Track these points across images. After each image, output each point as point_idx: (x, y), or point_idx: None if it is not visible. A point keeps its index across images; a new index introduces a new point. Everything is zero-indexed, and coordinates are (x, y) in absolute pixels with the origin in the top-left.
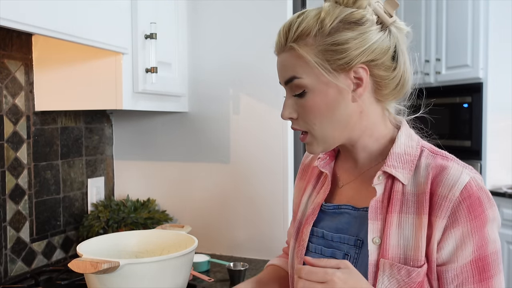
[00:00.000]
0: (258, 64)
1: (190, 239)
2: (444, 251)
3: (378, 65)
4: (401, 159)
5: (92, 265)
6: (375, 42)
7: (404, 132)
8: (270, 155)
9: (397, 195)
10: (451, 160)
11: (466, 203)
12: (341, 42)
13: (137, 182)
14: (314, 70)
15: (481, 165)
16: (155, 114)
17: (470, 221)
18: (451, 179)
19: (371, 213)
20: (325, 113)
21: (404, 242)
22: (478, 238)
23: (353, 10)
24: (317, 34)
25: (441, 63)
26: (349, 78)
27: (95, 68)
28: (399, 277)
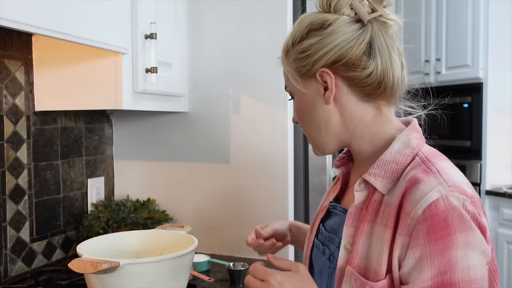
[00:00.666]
0: (258, 64)
1: (190, 239)
2: (405, 270)
3: (343, 65)
4: (386, 168)
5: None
6: (338, 44)
7: (401, 138)
8: (270, 155)
9: (374, 205)
10: (431, 174)
11: (427, 224)
12: (304, 50)
13: (137, 182)
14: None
15: (481, 165)
16: (155, 114)
17: (429, 243)
18: (418, 195)
19: (348, 219)
20: (305, 116)
21: (371, 252)
22: (439, 263)
23: (321, 15)
24: (292, 45)
25: (441, 63)
26: (318, 83)
27: (95, 68)
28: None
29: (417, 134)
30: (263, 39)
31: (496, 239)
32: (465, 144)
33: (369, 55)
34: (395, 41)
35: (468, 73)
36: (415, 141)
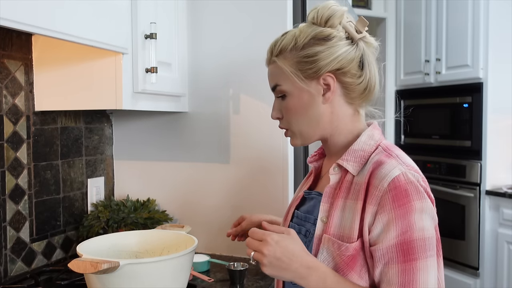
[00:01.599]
0: (258, 64)
1: (190, 239)
2: (373, 234)
3: (345, 73)
4: (355, 154)
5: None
6: (341, 54)
7: (367, 133)
8: (270, 155)
9: (346, 184)
10: (392, 158)
11: (392, 193)
12: (311, 55)
13: (137, 182)
14: (290, 78)
15: (481, 165)
16: (155, 114)
17: (394, 209)
18: (383, 172)
19: (324, 197)
20: (300, 112)
21: (344, 223)
22: (402, 224)
23: (323, 28)
24: (292, 49)
25: (441, 63)
26: (319, 84)
27: (95, 68)
28: (332, 249)
29: (378, 131)
30: (263, 39)
31: (496, 239)
32: (465, 144)
33: (361, 67)
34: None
35: (468, 73)
36: (377, 136)
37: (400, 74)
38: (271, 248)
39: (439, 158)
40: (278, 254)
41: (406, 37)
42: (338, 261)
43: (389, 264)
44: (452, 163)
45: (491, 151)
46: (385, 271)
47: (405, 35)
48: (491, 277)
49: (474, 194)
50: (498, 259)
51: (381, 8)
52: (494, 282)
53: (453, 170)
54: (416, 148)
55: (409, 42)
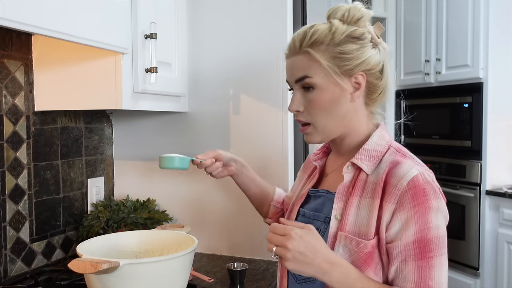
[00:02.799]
0: (258, 64)
1: (190, 239)
2: (391, 231)
3: (372, 74)
4: (368, 154)
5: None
6: (371, 56)
7: (377, 133)
8: (270, 155)
9: (361, 183)
10: (407, 158)
11: (411, 192)
12: (347, 52)
13: (137, 182)
14: (325, 72)
15: (481, 165)
16: (155, 114)
17: (413, 208)
18: (402, 172)
19: (337, 195)
20: (328, 108)
21: (359, 221)
22: (420, 222)
23: (355, 28)
24: (329, 43)
25: (441, 63)
26: (350, 82)
27: (95, 68)
28: (350, 246)
29: (386, 132)
30: (263, 39)
31: (496, 239)
32: (465, 144)
33: (382, 71)
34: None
35: (468, 73)
36: (387, 137)
37: (400, 74)
38: (295, 243)
39: (439, 158)
40: (302, 248)
41: (406, 37)
42: (356, 258)
43: (406, 261)
44: (452, 163)
45: (491, 151)
46: (401, 268)
47: (405, 35)
48: (491, 277)
49: (474, 194)
50: (498, 259)
51: (381, 8)
52: (494, 282)
53: (453, 170)
54: (416, 148)
55: (409, 42)
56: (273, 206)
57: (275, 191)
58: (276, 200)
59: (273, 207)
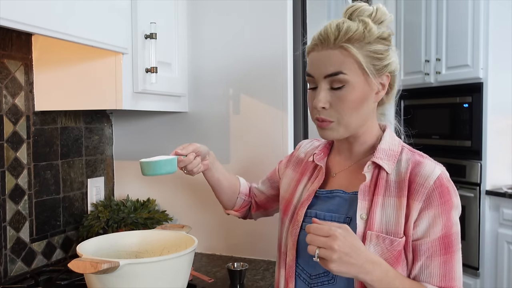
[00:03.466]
0: (258, 64)
1: (190, 239)
2: (419, 228)
3: (394, 76)
4: (386, 153)
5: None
6: (394, 59)
7: (388, 133)
8: (270, 155)
9: (382, 182)
10: (426, 158)
11: (438, 191)
12: (379, 52)
13: (137, 182)
14: (360, 69)
15: (481, 165)
16: (155, 114)
17: (440, 205)
18: (427, 171)
19: (360, 194)
20: (357, 105)
21: (386, 219)
22: (446, 219)
23: (384, 29)
24: (364, 41)
25: (441, 63)
26: (377, 82)
27: (95, 68)
28: (383, 245)
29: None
30: (263, 38)
31: (496, 239)
32: (465, 144)
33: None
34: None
35: (468, 73)
36: (396, 137)
37: (400, 74)
38: (341, 243)
39: (439, 158)
40: (347, 249)
41: (406, 37)
42: (388, 256)
43: (432, 257)
44: (452, 163)
45: (491, 151)
46: (427, 263)
47: (405, 35)
48: (491, 277)
49: (474, 194)
50: (498, 259)
51: None
52: (494, 282)
53: (453, 170)
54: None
55: (409, 42)
56: (241, 199)
57: (240, 182)
58: (243, 192)
59: (240, 199)
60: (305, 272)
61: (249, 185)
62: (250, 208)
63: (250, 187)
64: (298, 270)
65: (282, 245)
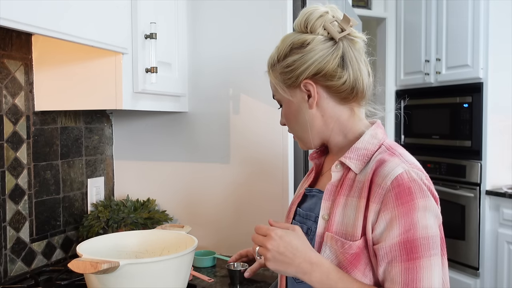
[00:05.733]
0: (258, 64)
1: (190, 239)
2: (377, 232)
3: (324, 76)
4: (358, 153)
5: (92, 265)
6: (317, 59)
7: (370, 132)
8: (270, 155)
9: (348, 182)
10: (395, 156)
11: (395, 191)
12: (289, 65)
13: (137, 182)
14: (279, 88)
15: (481, 165)
16: (155, 114)
17: (397, 207)
18: (386, 170)
19: (325, 194)
20: (292, 119)
21: (346, 220)
22: (405, 222)
23: (300, 36)
24: (277, 61)
25: (441, 63)
26: (302, 92)
27: (95, 68)
28: (336, 247)
29: (381, 130)
30: (263, 38)
31: (496, 239)
32: (465, 144)
33: (343, 67)
34: (362, 54)
35: (468, 73)
36: (380, 135)
37: (400, 74)
38: (274, 243)
39: (439, 158)
40: (282, 248)
41: (406, 37)
42: (342, 259)
43: (392, 263)
44: (452, 163)
45: (491, 151)
46: (389, 269)
47: (405, 35)
48: (491, 277)
49: (474, 194)
50: (498, 259)
51: (381, 8)
52: (494, 282)
53: (453, 170)
54: (416, 148)
55: (409, 42)
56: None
57: None
58: None
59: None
60: None
61: None
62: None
63: None
64: None
65: None
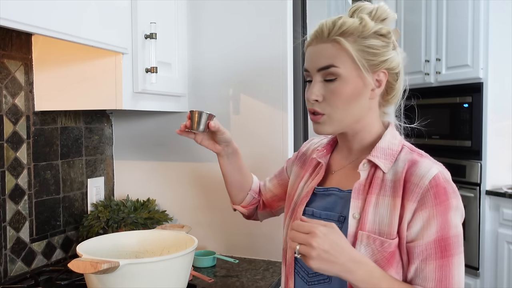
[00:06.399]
0: (258, 63)
1: (190, 239)
2: (413, 230)
3: (392, 74)
4: (384, 152)
5: (92, 265)
6: (393, 56)
7: (389, 132)
8: (270, 155)
9: (377, 181)
10: (424, 157)
11: (433, 191)
12: (375, 47)
13: (137, 182)
14: (353, 63)
15: (481, 165)
16: (155, 114)
17: (435, 206)
18: (423, 170)
19: (354, 193)
20: (348, 100)
21: (379, 219)
22: (441, 221)
23: (382, 26)
24: (358, 35)
25: (441, 63)
26: (373, 78)
27: (95, 68)
28: (374, 246)
29: (396, 131)
30: (263, 38)
31: (496, 239)
32: (465, 144)
33: (399, 74)
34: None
35: (468, 73)
36: (398, 136)
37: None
38: (320, 241)
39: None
40: (327, 247)
41: (406, 37)
42: (379, 257)
43: (426, 260)
44: (452, 163)
45: (491, 151)
46: (422, 267)
47: (405, 35)
48: (491, 277)
49: (474, 194)
50: (498, 259)
51: None
52: (494, 282)
53: (453, 170)
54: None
55: (409, 42)
56: (250, 196)
57: (253, 180)
58: (253, 189)
59: (250, 196)
60: (303, 270)
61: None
62: (257, 207)
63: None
64: (297, 267)
65: (283, 242)
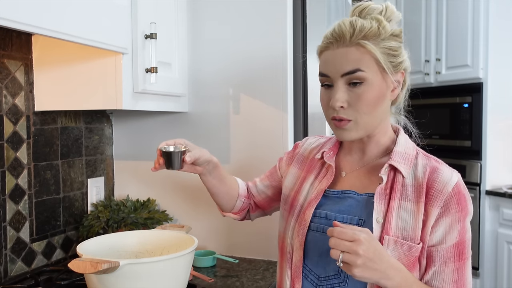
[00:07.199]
0: (258, 63)
1: (190, 239)
2: (436, 235)
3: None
4: (402, 157)
5: (92, 265)
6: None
7: (402, 136)
8: (270, 155)
9: (398, 186)
10: (442, 164)
11: (456, 198)
12: (394, 48)
13: (137, 182)
14: (377, 66)
15: (481, 165)
16: (155, 114)
17: (458, 212)
18: (445, 177)
19: (377, 197)
20: (375, 103)
21: (402, 224)
22: (461, 226)
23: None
24: (379, 37)
25: (441, 63)
26: (394, 79)
27: (95, 68)
28: (401, 251)
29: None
30: (263, 38)
31: (496, 239)
32: (465, 144)
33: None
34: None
35: (468, 73)
36: (410, 141)
37: None
38: (365, 248)
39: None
40: (371, 254)
41: (406, 37)
42: (405, 262)
43: (446, 263)
44: (452, 163)
45: (491, 151)
46: (441, 269)
47: (405, 35)
48: (491, 277)
49: (474, 194)
50: (498, 259)
51: None
52: (494, 282)
53: None
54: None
55: (409, 42)
56: (240, 201)
57: (239, 185)
58: (242, 194)
59: (240, 202)
60: (312, 273)
61: (246, 184)
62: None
63: (247, 187)
64: (305, 271)
65: (287, 245)
